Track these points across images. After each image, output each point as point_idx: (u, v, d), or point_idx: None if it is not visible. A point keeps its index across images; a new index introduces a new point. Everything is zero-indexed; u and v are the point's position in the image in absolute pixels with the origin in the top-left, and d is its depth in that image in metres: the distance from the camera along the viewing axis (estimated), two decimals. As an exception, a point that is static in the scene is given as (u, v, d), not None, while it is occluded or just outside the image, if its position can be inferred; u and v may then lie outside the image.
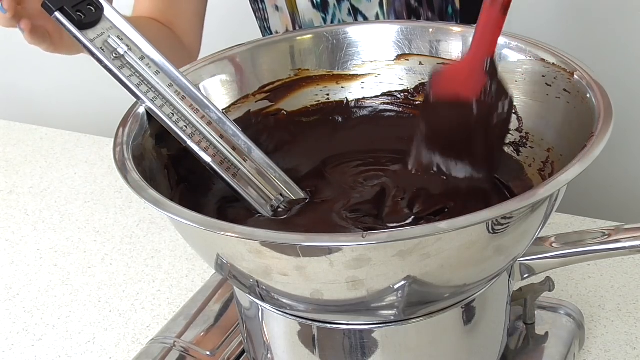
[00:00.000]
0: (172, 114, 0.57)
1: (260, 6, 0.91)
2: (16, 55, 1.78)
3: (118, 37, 0.57)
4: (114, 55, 0.56)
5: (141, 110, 0.57)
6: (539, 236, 0.53)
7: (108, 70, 0.56)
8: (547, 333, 0.66)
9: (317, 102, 0.68)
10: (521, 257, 0.56)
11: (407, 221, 0.57)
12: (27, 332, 0.79)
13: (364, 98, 0.68)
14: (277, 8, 0.88)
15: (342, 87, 0.68)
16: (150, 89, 0.57)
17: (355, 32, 0.67)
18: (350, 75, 0.67)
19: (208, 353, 0.66)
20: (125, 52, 0.56)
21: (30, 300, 0.84)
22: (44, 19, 0.61)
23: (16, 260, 0.91)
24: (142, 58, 0.57)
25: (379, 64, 0.67)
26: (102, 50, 0.56)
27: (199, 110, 0.58)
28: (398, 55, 0.66)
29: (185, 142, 0.57)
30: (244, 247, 0.45)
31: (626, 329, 0.71)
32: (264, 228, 0.57)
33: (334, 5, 0.83)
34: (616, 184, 1.38)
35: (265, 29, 0.94)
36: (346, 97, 0.68)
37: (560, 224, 0.86)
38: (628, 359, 0.68)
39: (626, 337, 0.71)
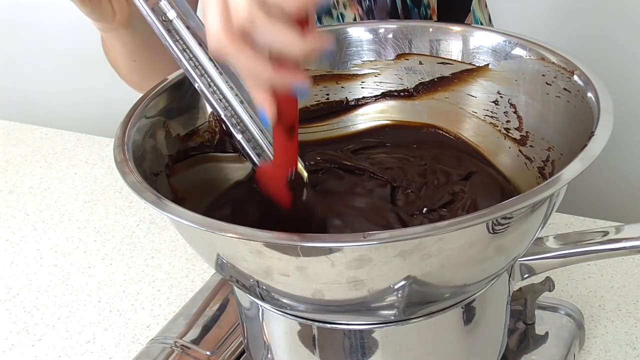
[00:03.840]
0: (210, 85, 0.57)
1: None
2: (16, 55, 1.78)
3: (169, 2, 0.57)
4: (163, 18, 0.57)
5: (141, 110, 0.57)
6: (539, 236, 0.53)
7: (156, 31, 0.56)
8: (547, 333, 0.66)
9: (317, 102, 0.68)
10: (521, 257, 0.56)
11: (423, 211, 0.58)
12: (27, 332, 0.79)
13: (363, 98, 0.68)
14: None
15: (342, 87, 0.68)
16: (192, 57, 0.57)
17: (355, 32, 0.67)
18: (350, 75, 0.67)
19: (208, 353, 0.66)
20: (174, 18, 0.57)
21: (30, 300, 0.84)
22: None
23: (16, 260, 0.91)
24: (188, 28, 0.58)
25: (379, 63, 0.67)
26: (153, 11, 0.56)
27: (233, 88, 0.58)
28: (398, 54, 0.66)
29: (220, 115, 0.57)
30: (244, 248, 0.45)
31: (626, 329, 0.71)
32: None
33: None
34: (616, 184, 1.38)
35: None
36: (346, 97, 0.68)
37: (560, 224, 0.86)
38: (628, 359, 0.68)
39: (626, 337, 0.71)
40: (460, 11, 0.86)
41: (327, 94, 0.68)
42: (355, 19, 0.82)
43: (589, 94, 0.53)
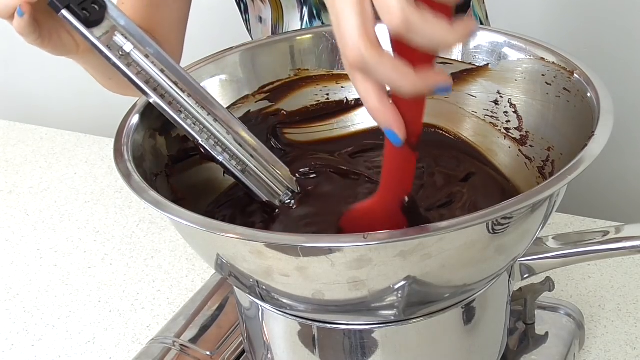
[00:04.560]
0: (180, 111, 0.57)
1: (245, 17, 0.91)
2: (16, 55, 1.78)
3: (122, 35, 0.57)
4: (121, 53, 0.56)
5: (141, 111, 0.57)
6: (539, 236, 0.53)
7: (116, 68, 0.56)
8: (547, 333, 0.66)
9: (317, 102, 0.68)
10: (521, 257, 0.56)
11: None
12: (27, 332, 0.79)
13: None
14: (260, 19, 0.88)
15: (342, 87, 0.68)
16: (158, 86, 0.57)
17: (355, 32, 0.67)
18: (350, 75, 0.67)
19: (208, 353, 0.66)
20: (132, 50, 0.56)
21: (30, 300, 0.84)
22: (37, 9, 0.60)
23: (16, 260, 0.91)
24: (147, 56, 0.57)
25: (379, 63, 0.67)
26: (109, 48, 0.56)
27: (205, 108, 0.58)
28: (398, 55, 0.66)
29: (197, 140, 0.57)
30: (245, 248, 0.45)
31: (626, 329, 0.71)
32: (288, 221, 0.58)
33: (306, 22, 0.83)
34: (616, 184, 1.37)
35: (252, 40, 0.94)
36: (346, 97, 0.68)
37: (560, 224, 0.86)
38: (628, 359, 0.68)
39: (626, 337, 0.71)
40: (461, 6, 0.86)
41: (327, 94, 0.68)
42: None
43: (589, 94, 0.53)
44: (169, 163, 0.59)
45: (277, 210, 0.60)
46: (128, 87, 0.56)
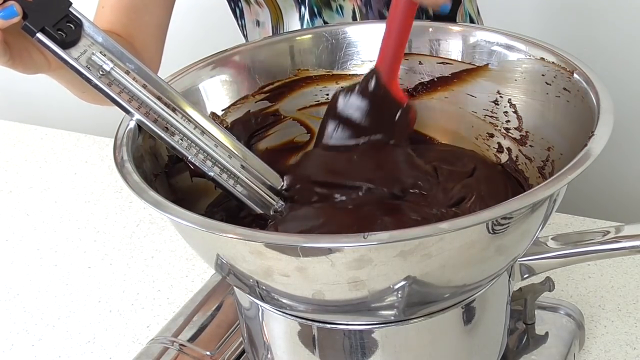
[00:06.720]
0: (167, 128, 0.56)
1: (240, 22, 0.91)
2: (16, 55, 1.78)
3: (101, 52, 0.55)
4: (101, 72, 0.55)
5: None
6: (539, 236, 0.53)
7: (97, 89, 0.54)
8: (547, 333, 0.66)
9: (316, 102, 0.68)
10: (521, 257, 0.56)
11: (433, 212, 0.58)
12: (27, 332, 0.79)
13: (363, 98, 0.68)
14: (257, 23, 0.88)
15: (342, 87, 0.68)
16: (141, 104, 0.55)
17: (355, 32, 0.67)
18: (349, 75, 0.67)
19: (208, 353, 0.66)
20: (112, 68, 0.55)
21: (30, 300, 0.84)
22: (6, 32, 0.58)
23: (16, 260, 0.91)
24: (127, 72, 0.55)
25: (379, 63, 0.67)
26: (89, 68, 0.54)
27: (191, 121, 0.57)
28: (398, 55, 0.66)
29: (187, 158, 0.56)
30: (244, 248, 0.45)
31: (626, 329, 0.71)
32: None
33: (308, 21, 0.83)
34: (616, 184, 1.37)
35: None
36: (346, 97, 0.68)
37: (560, 224, 0.86)
38: (628, 359, 0.68)
39: (626, 337, 0.71)
40: (454, 1, 0.86)
41: (327, 94, 0.68)
42: (354, 10, 0.81)
43: (589, 94, 0.53)
44: (168, 163, 0.59)
45: (269, 221, 0.59)
46: (103, 98, 0.55)
